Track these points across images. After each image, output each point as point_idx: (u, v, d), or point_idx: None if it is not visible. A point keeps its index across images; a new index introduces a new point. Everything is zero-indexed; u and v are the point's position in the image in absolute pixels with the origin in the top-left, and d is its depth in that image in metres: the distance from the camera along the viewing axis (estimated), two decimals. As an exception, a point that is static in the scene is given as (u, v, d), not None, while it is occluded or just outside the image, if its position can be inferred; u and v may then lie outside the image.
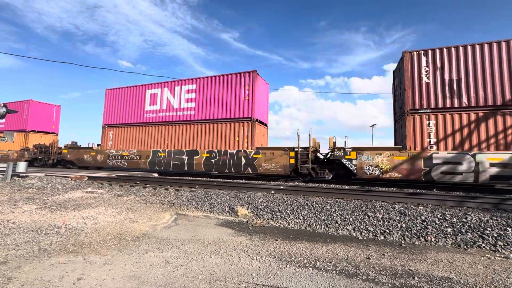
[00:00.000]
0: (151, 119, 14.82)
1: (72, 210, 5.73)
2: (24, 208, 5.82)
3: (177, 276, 2.82)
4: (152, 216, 5.48)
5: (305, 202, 6.39)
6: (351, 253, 3.66)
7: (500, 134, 8.74)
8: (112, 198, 7.25)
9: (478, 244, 3.98)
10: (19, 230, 4.22)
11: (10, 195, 7.29)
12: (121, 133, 15.56)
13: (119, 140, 15.58)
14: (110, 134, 15.93)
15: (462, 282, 2.79)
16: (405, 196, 6.87)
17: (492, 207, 5.82)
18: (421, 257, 3.51)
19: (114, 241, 3.90)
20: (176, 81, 14.53)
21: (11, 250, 3.40)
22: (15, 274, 2.74)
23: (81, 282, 2.61)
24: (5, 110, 11.30)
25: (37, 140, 20.39)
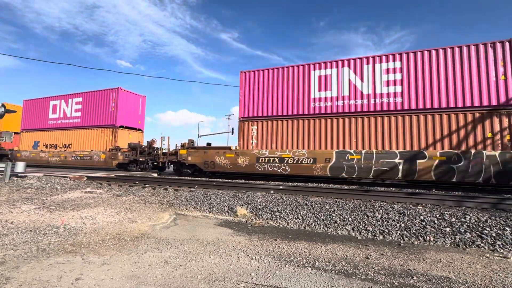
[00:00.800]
0: (321, 109, 11.12)
1: (71, 210, 5.72)
2: (22, 208, 5.81)
3: (176, 276, 2.81)
4: (151, 216, 5.47)
5: (304, 202, 6.39)
6: (350, 252, 3.66)
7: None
8: (111, 198, 7.24)
9: (477, 244, 3.99)
10: (18, 230, 4.20)
11: (9, 195, 7.27)
12: (269, 129, 11.93)
13: (266, 137, 11.97)
14: (253, 130, 12.26)
15: (460, 281, 2.80)
16: (404, 196, 6.88)
17: (491, 207, 5.84)
18: (420, 257, 3.52)
19: (113, 241, 3.89)
20: (366, 58, 10.71)
21: (9, 250, 3.39)
22: (13, 274, 2.73)
23: (79, 282, 2.60)
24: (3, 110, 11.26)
25: (125, 138, 16.84)
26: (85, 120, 17.26)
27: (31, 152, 18.65)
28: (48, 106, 18.72)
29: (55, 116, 18.43)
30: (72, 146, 17.41)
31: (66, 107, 18.19)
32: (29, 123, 19.02)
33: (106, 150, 16.13)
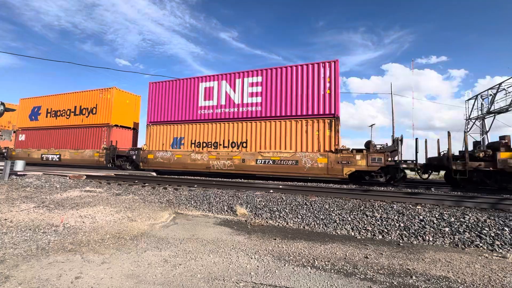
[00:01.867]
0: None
1: (70, 209, 5.71)
2: (22, 206, 5.80)
3: (175, 275, 2.82)
4: (150, 215, 5.47)
5: (303, 201, 6.40)
6: (349, 252, 3.67)
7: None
8: (111, 197, 7.24)
9: (476, 244, 4.00)
10: (17, 229, 4.20)
11: (8, 194, 7.26)
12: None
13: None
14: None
15: (459, 281, 2.81)
16: (403, 196, 6.90)
17: (490, 207, 5.85)
18: (419, 257, 3.53)
19: (112, 240, 3.89)
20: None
21: (9, 249, 3.38)
22: (12, 272, 2.73)
23: (79, 281, 2.60)
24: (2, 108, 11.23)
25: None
26: (273, 107, 12.20)
27: (172, 152, 13.94)
28: (196, 90, 14.00)
29: (210, 104, 13.60)
30: (247, 145, 12.41)
31: (233, 91, 13.15)
32: (159, 113, 14.85)
33: (326, 151, 10.84)
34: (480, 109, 18.89)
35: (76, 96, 18.36)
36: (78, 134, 17.65)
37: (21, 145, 19.80)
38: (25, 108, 20.42)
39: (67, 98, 18.76)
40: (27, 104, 20.43)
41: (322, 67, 11.55)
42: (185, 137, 13.85)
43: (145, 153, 14.68)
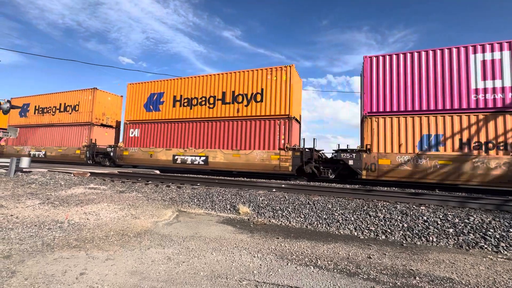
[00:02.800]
0: None
1: (74, 205, 5.77)
2: (27, 203, 5.87)
3: (178, 272, 2.84)
4: (154, 213, 5.50)
5: (306, 200, 6.39)
6: (352, 252, 3.66)
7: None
8: (114, 194, 7.30)
9: (480, 245, 3.97)
10: (23, 225, 4.25)
11: (14, 190, 7.35)
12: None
13: None
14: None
15: (463, 282, 2.79)
16: (407, 196, 6.86)
17: (495, 208, 5.79)
18: (423, 257, 3.51)
19: (116, 237, 3.93)
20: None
21: (15, 245, 3.43)
22: (18, 268, 2.77)
23: (83, 277, 2.63)
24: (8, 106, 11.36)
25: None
26: None
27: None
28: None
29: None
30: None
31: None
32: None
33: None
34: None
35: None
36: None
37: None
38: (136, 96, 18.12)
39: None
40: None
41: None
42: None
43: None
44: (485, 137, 8.88)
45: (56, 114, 19.05)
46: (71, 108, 18.42)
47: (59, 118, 18.85)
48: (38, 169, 11.59)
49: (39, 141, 19.34)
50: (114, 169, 13.79)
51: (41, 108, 19.82)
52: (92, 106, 17.65)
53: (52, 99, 19.55)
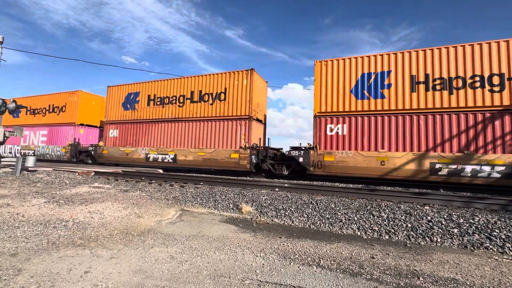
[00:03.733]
0: None
1: (79, 204, 5.83)
2: (33, 202, 5.95)
3: (181, 271, 2.85)
4: (157, 212, 5.54)
5: (309, 200, 6.38)
6: (355, 252, 3.64)
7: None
8: (118, 193, 7.35)
9: (485, 246, 3.93)
10: (28, 223, 4.31)
11: (20, 189, 7.45)
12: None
13: None
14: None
15: (468, 283, 2.76)
16: (411, 196, 6.81)
17: (500, 208, 5.72)
18: (427, 258, 3.48)
19: (120, 235, 3.96)
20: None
21: (21, 243, 3.48)
22: (24, 266, 2.81)
23: (88, 275, 2.66)
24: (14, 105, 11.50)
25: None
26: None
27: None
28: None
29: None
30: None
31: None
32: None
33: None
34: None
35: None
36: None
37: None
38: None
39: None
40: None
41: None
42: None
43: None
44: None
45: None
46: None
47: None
48: (43, 168, 11.73)
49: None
50: (118, 169, 13.90)
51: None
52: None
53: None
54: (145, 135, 15.07)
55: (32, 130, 20.27)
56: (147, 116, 15.27)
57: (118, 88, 16.72)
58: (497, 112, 8.73)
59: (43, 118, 20.22)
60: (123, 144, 15.71)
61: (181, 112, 14.33)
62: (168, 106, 14.77)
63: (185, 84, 14.56)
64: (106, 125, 16.53)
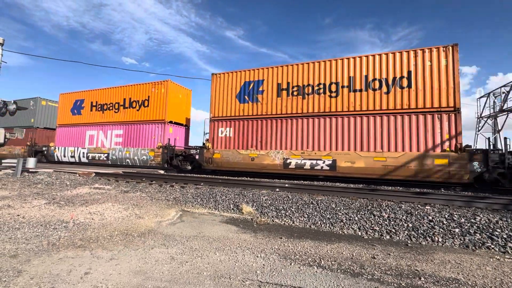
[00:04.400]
0: None
1: (79, 205, 5.83)
2: (33, 203, 5.95)
3: (182, 272, 2.84)
4: (157, 213, 5.53)
5: (310, 200, 6.37)
6: (356, 252, 3.63)
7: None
8: (119, 194, 7.35)
9: (487, 245, 3.91)
10: (29, 225, 4.31)
11: (20, 190, 7.46)
12: None
13: None
14: None
15: (470, 283, 2.75)
16: (412, 196, 6.78)
17: (502, 208, 5.70)
18: (428, 258, 3.46)
19: (120, 236, 3.95)
20: None
21: (21, 244, 3.48)
22: (25, 267, 2.81)
23: (88, 276, 2.66)
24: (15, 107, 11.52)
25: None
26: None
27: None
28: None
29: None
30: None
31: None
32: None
33: None
34: (493, 107, 18.38)
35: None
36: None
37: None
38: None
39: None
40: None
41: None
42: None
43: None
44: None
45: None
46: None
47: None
48: (44, 170, 11.74)
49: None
50: (118, 170, 13.90)
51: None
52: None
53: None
54: (280, 135, 11.73)
55: (101, 129, 17.05)
56: (280, 110, 11.84)
57: (228, 76, 13.19)
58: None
59: (115, 115, 16.74)
60: (242, 146, 12.41)
61: (336, 104, 10.86)
62: (312, 97, 11.31)
63: (339, 68, 11.04)
64: (214, 122, 13.18)
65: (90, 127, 17.54)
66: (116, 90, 17.10)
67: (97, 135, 17.24)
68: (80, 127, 17.94)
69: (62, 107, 19.03)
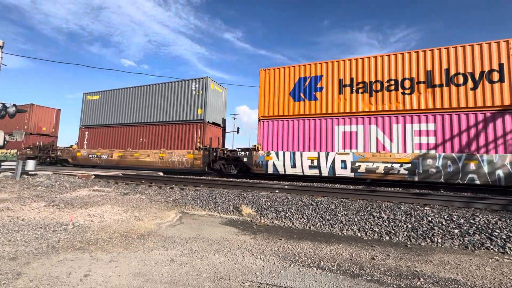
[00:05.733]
0: None
1: (79, 208, 5.83)
2: (33, 205, 5.94)
3: (181, 274, 2.84)
4: (157, 215, 5.53)
5: (309, 201, 6.37)
6: (355, 253, 3.63)
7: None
8: (118, 196, 7.35)
9: (486, 246, 3.91)
10: (28, 227, 4.31)
11: (20, 193, 7.45)
12: None
13: None
14: None
15: (469, 284, 2.75)
16: (411, 197, 6.79)
17: (501, 208, 5.71)
18: (427, 258, 3.47)
19: (120, 238, 3.95)
20: None
21: (21, 247, 3.47)
22: (24, 269, 2.81)
23: (88, 279, 2.66)
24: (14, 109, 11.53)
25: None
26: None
27: None
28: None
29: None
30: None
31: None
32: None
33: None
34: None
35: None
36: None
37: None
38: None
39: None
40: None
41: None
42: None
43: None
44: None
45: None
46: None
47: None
48: (43, 172, 11.73)
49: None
50: (117, 171, 13.88)
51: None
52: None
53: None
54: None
55: (376, 123, 10.05)
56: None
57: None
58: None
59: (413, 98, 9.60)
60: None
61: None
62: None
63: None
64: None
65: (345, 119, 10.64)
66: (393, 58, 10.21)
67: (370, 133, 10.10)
68: (318, 120, 11.04)
69: (268, 87, 12.10)
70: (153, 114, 15.22)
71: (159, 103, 15.38)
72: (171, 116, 14.66)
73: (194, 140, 13.70)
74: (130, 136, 15.74)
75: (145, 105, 15.89)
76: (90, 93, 18.36)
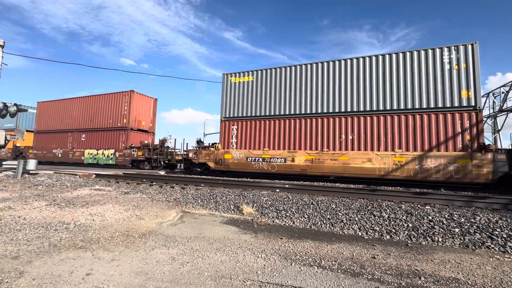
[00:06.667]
0: None
1: (80, 207, 5.84)
2: (34, 204, 5.96)
3: (183, 272, 2.85)
4: (158, 214, 5.54)
5: (310, 201, 6.38)
6: (356, 252, 3.64)
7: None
8: (119, 195, 7.36)
9: (487, 245, 3.92)
10: (30, 226, 4.32)
11: (21, 192, 7.47)
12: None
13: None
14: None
15: (470, 283, 2.76)
16: (412, 196, 6.79)
17: (502, 208, 5.71)
18: (428, 257, 3.47)
19: (121, 237, 3.97)
20: None
21: (23, 246, 3.49)
22: (26, 268, 2.82)
23: (89, 277, 2.67)
24: (15, 109, 11.56)
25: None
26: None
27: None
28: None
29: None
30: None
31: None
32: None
33: None
34: (492, 107, 18.42)
35: None
36: None
37: None
38: None
39: None
40: None
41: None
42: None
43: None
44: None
45: None
46: None
47: None
48: (44, 171, 11.76)
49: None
50: (120, 171, 13.90)
51: None
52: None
53: None
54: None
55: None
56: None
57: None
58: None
59: None
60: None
61: None
62: None
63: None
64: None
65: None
66: None
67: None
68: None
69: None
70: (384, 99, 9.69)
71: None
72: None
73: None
74: (314, 130, 11.20)
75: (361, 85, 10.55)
76: (234, 74, 13.33)
